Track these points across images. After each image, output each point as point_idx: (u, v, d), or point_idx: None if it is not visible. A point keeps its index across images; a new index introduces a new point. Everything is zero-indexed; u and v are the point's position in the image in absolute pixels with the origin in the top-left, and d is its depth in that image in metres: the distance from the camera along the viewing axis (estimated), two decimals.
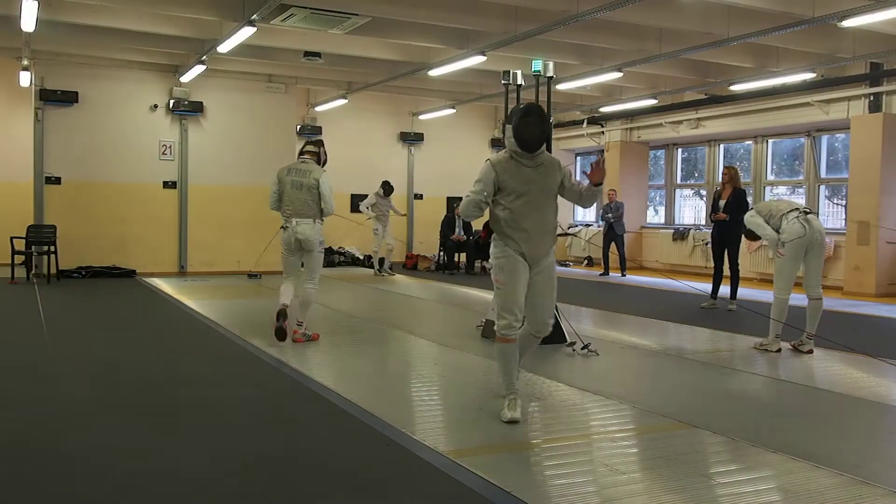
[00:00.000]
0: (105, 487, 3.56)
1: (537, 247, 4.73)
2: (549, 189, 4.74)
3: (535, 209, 4.70)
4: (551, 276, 4.82)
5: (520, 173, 4.68)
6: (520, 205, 4.67)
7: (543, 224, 4.75)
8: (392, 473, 3.81)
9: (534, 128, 4.60)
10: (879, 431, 4.91)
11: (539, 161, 4.71)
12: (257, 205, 14.06)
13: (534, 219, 4.70)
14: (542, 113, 4.76)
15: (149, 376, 5.92)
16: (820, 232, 6.94)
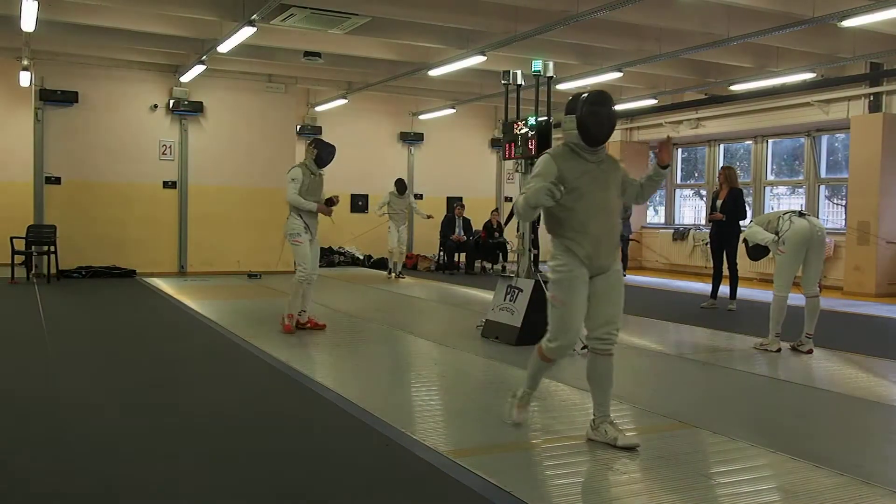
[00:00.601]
0: (105, 487, 3.56)
1: (603, 253, 4.17)
2: (613, 187, 4.23)
3: (601, 210, 4.16)
4: (618, 281, 4.25)
5: (582, 169, 4.14)
6: (584, 205, 4.11)
7: (610, 227, 4.22)
8: (392, 473, 3.81)
9: (605, 119, 4.12)
10: (879, 431, 4.91)
11: (601, 157, 4.20)
12: (257, 205, 14.15)
13: (600, 221, 4.15)
14: (612, 103, 4.24)
15: (148, 376, 5.92)
16: (820, 229, 6.94)
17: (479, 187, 18.12)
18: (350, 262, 16.43)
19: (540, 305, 7.23)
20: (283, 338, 7.55)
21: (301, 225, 7.56)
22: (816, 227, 6.90)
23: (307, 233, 7.58)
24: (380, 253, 16.61)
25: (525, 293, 7.30)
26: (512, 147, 7.72)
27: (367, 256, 16.64)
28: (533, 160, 7.56)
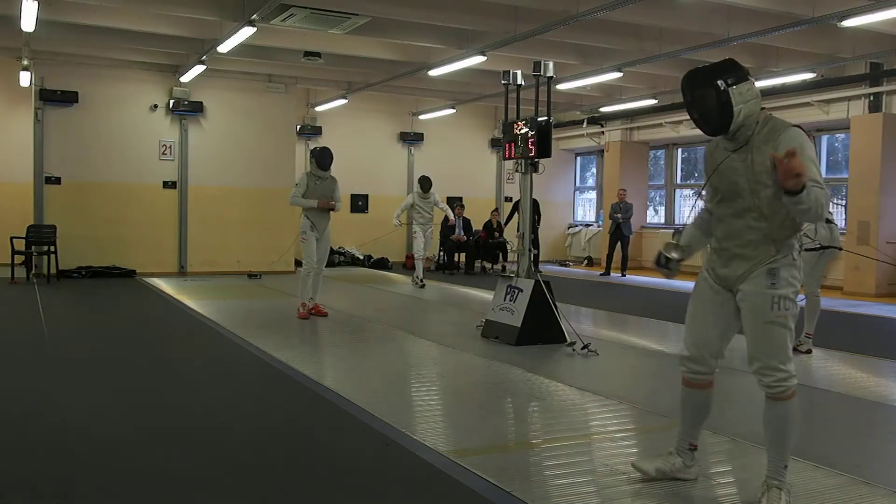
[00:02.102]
0: (105, 487, 3.56)
1: (727, 264, 3.38)
2: (749, 180, 3.25)
3: (729, 210, 3.38)
4: (754, 308, 3.31)
5: (715, 161, 3.45)
6: (716, 205, 3.47)
7: (736, 233, 3.34)
8: (392, 473, 3.81)
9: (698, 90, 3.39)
10: (879, 431, 4.91)
11: (742, 141, 3.28)
12: (258, 205, 14.15)
13: (726, 224, 3.40)
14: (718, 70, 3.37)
15: (148, 376, 5.92)
16: (837, 239, 6.72)
17: (479, 187, 18.12)
18: (350, 262, 16.43)
19: (541, 306, 7.27)
20: (284, 338, 7.57)
21: (308, 224, 8.46)
22: (835, 236, 6.65)
23: (313, 231, 8.45)
24: (380, 253, 16.62)
25: (525, 293, 7.29)
26: (512, 147, 7.72)
27: (367, 256, 16.63)
28: (534, 161, 7.57)
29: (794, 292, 3.28)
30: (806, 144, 3.14)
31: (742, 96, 3.23)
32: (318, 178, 8.49)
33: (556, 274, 14.64)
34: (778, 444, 3.32)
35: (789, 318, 3.26)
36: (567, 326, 7.26)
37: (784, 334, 3.27)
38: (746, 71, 3.32)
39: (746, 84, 3.24)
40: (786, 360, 3.29)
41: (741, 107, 3.22)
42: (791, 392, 3.29)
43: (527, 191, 7.76)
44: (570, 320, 7.54)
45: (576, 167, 20.02)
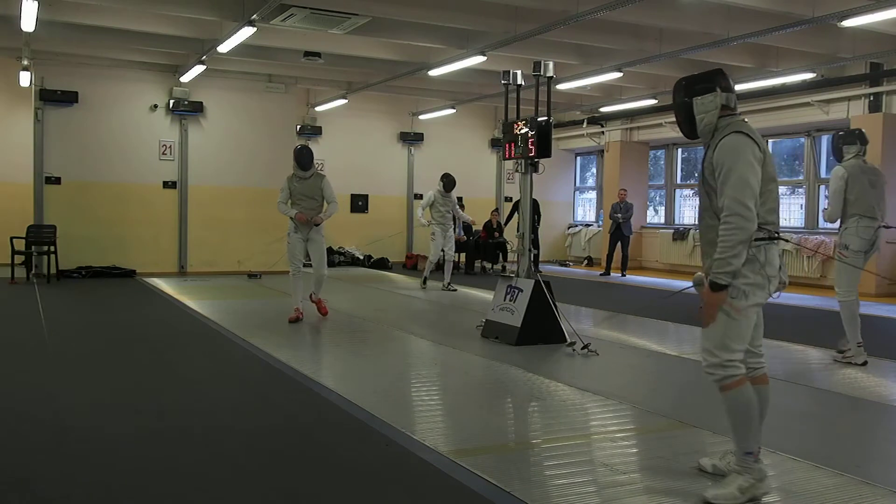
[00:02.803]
0: (105, 487, 3.56)
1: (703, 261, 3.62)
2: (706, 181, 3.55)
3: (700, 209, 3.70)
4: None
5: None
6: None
7: (703, 231, 3.64)
8: (392, 473, 3.81)
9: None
10: (879, 431, 4.91)
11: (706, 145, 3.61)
12: (257, 205, 14.13)
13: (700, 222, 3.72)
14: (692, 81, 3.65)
15: (148, 376, 5.92)
16: (879, 249, 6.65)
17: (479, 187, 18.12)
18: (350, 262, 16.43)
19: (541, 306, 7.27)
20: (284, 338, 7.57)
21: (291, 225, 8.38)
22: (878, 244, 6.56)
23: (297, 233, 8.32)
24: (380, 253, 16.62)
25: (525, 293, 7.29)
26: (512, 147, 7.72)
27: (367, 256, 16.63)
28: (534, 161, 7.57)
29: (745, 284, 3.40)
30: (734, 156, 3.38)
31: (704, 106, 3.56)
32: (300, 179, 8.31)
33: (556, 274, 14.64)
34: (732, 431, 3.50)
35: (733, 307, 3.40)
36: (567, 326, 7.26)
37: (724, 321, 3.41)
38: (722, 83, 3.58)
39: (710, 95, 3.55)
40: (719, 347, 3.43)
41: (702, 115, 3.56)
42: (728, 383, 3.42)
43: (527, 191, 7.76)
44: (571, 320, 7.54)
45: (576, 167, 20.02)
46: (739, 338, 3.45)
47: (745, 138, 3.43)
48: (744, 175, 3.35)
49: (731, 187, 3.34)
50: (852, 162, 6.65)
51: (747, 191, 3.33)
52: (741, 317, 3.42)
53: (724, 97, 3.55)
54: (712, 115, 3.54)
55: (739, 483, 3.40)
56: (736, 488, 3.39)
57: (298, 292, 8.42)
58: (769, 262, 3.46)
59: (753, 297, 3.43)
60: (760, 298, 3.46)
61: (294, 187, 8.35)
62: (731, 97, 3.58)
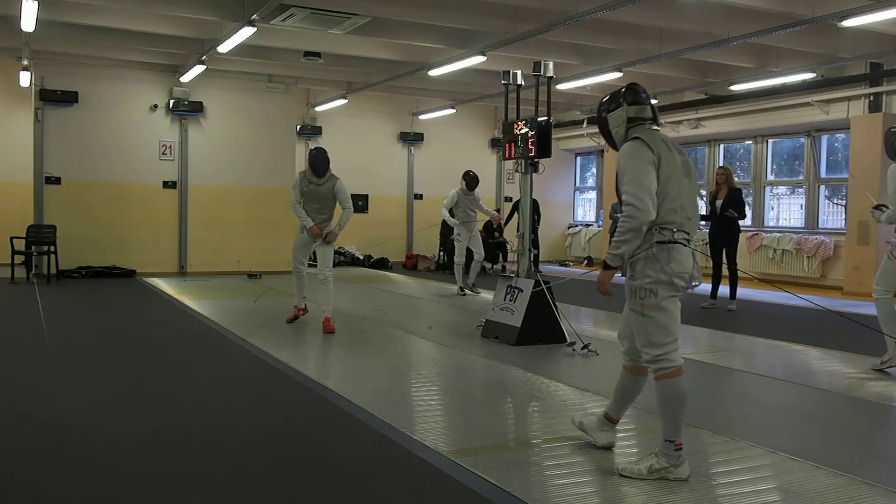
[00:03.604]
0: (104, 487, 3.56)
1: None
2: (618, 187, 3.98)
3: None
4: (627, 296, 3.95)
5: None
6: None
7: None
8: (392, 473, 3.81)
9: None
10: (879, 431, 4.91)
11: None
12: (258, 205, 14.15)
13: None
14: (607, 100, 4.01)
15: (148, 376, 5.92)
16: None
17: (480, 187, 18.00)
18: (350, 262, 16.44)
19: (541, 306, 7.27)
20: (284, 338, 7.57)
21: (300, 224, 8.01)
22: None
23: (302, 233, 7.99)
24: (380, 253, 16.63)
25: (525, 293, 7.29)
26: (512, 147, 7.72)
27: (367, 256, 16.63)
28: (534, 161, 7.57)
29: (649, 283, 3.72)
30: (628, 159, 3.74)
31: (615, 121, 3.94)
32: (312, 183, 7.80)
33: (556, 274, 14.64)
34: (660, 418, 3.75)
35: (644, 307, 3.73)
36: (567, 326, 7.27)
37: (642, 321, 3.75)
38: (628, 97, 3.92)
39: (619, 111, 3.93)
40: (648, 345, 3.74)
41: (615, 129, 3.95)
42: (660, 374, 3.70)
43: (527, 191, 7.76)
44: (571, 320, 7.54)
45: (576, 167, 20.02)
46: (663, 332, 3.71)
47: (639, 143, 3.75)
48: (636, 174, 3.68)
49: (626, 185, 3.71)
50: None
51: (640, 187, 3.65)
52: (654, 313, 3.71)
53: (631, 110, 3.90)
54: (622, 128, 3.91)
55: (651, 463, 3.67)
56: (646, 467, 3.66)
57: (300, 291, 8.21)
58: (673, 260, 3.71)
59: (662, 293, 3.70)
60: (671, 292, 3.72)
61: (305, 190, 7.83)
62: (640, 109, 3.91)
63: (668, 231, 3.71)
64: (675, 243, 3.73)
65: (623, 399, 4.13)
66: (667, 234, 3.70)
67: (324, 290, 7.86)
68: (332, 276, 7.95)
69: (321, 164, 7.77)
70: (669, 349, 3.70)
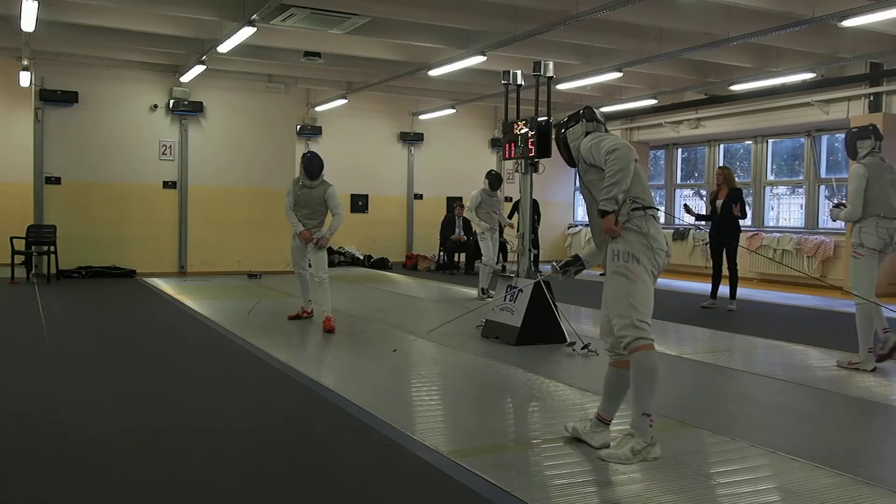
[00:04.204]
0: (104, 487, 3.56)
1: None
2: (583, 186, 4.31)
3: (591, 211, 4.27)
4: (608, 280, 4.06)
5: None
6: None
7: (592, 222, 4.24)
8: (392, 473, 3.81)
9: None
10: (879, 431, 4.91)
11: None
12: (257, 205, 14.15)
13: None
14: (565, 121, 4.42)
15: (148, 376, 5.92)
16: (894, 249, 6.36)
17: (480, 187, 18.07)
18: (350, 262, 16.44)
19: (541, 306, 7.27)
20: (284, 338, 7.57)
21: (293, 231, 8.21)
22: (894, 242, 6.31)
23: (295, 239, 8.19)
24: (380, 253, 16.63)
25: (525, 293, 7.29)
26: (512, 147, 7.72)
27: (367, 256, 16.63)
28: (534, 161, 7.58)
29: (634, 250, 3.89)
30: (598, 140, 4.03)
31: (573, 134, 4.28)
32: (305, 187, 7.99)
33: None
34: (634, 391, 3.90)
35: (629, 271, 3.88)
36: (567, 326, 7.27)
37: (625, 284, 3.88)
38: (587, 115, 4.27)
39: (577, 126, 4.27)
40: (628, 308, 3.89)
41: (574, 142, 4.27)
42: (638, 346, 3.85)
43: (527, 191, 7.76)
44: (571, 320, 7.54)
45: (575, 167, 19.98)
46: (643, 302, 3.87)
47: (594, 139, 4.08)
48: (613, 138, 3.99)
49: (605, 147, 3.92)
50: (870, 160, 6.32)
51: (620, 141, 3.94)
52: (638, 279, 3.86)
53: (589, 125, 4.23)
54: (579, 141, 4.21)
55: (632, 445, 3.73)
56: (629, 449, 3.70)
57: (304, 293, 8.43)
58: (652, 236, 3.90)
59: (644, 262, 3.88)
60: (649, 265, 3.88)
61: (298, 195, 8.07)
62: (596, 125, 4.24)
63: (638, 202, 3.91)
64: (650, 208, 3.93)
65: (613, 396, 4.20)
66: (639, 203, 3.89)
67: (321, 291, 8.00)
68: (328, 278, 8.08)
69: (315, 168, 7.99)
70: (646, 319, 3.85)
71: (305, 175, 7.99)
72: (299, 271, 8.37)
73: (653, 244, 3.89)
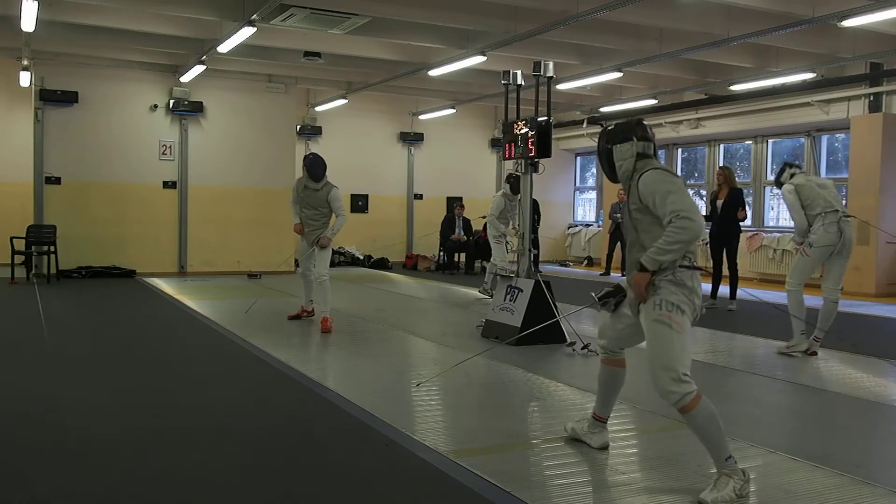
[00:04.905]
0: (104, 487, 3.56)
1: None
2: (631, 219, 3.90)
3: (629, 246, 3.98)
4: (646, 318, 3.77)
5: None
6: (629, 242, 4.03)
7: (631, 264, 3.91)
8: (392, 473, 3.81)
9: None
10: (879, 431, 4.91)
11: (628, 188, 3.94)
12: (258, 205, 14.15)
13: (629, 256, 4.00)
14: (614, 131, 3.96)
15: (148, 377, 5.92)
16: (851, 240, 6.80)
17: (479, 187, 18.12)
18: (350, 262, 16.44)
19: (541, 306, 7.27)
20: (283, 338, 7.57)
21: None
22: (848, 240, 6.76)
23: (302, 241, 8.27)
24: (380, 253, 16.63)
25: (525, 293, 7.29)
26: (512, 147, 7.72)
27: (367, 256, 16.64)
28: (534, 161, 7.58)
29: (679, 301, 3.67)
30: (665, 183, 3.66)
31: (621, 154, 3.87)
32: (308, 188, 8.01)
33: (556, 274, 14.64)
34: (706, 445, 3.57)
35: (674, 322, 3.64)
36: (567, 326, 7.26)
37: (671, 336, 3.62)
38: (638, 132, 3.87)
39: (626, 145, 3.86)
40: (673, 360, 3.59)
41: (620, 162, 3.88)
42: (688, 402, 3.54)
43: (527, 191, 7.76)
44: (570, 320, 7.54)
45: (576, 167, 20.02)
46: (684, 353, 3.62)
47: (666, 172, 3.76)
48: (681, 195, 3.61)
49: (672, 203, 3.57)
50: (793, 179, 7.03)
51: (691, 205, 3.58)
52: (682, 331, 3.63)
53: (640, 146, 3.85)
54: (628, 162, 3.85)
55: (733, 485, 3.45)
56: (732, 490, 3.43)
57: (307, 293, 8.45)
58: (695, 292, 3.74)
59: (688, 313, 3.71)
60: (689, 320, 3.71)
61: (301, 195, 8.10)
62: (647, 145, 3.86)
63: (689, 258, 3.72)
64: (697, 269, 3.76)
65: (607, 395, 4.17)
66: (689, 259, 3.72)
67: (321, 291, 8.01)
68: (329, 278, 8.07)
69: (318, 169, 7.99)
70: (688, 372, 3.58)
71: (309, 177, 8.01)
72: (304, 272, 8.40)
73: (694, 300, 3.74)
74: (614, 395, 4.18)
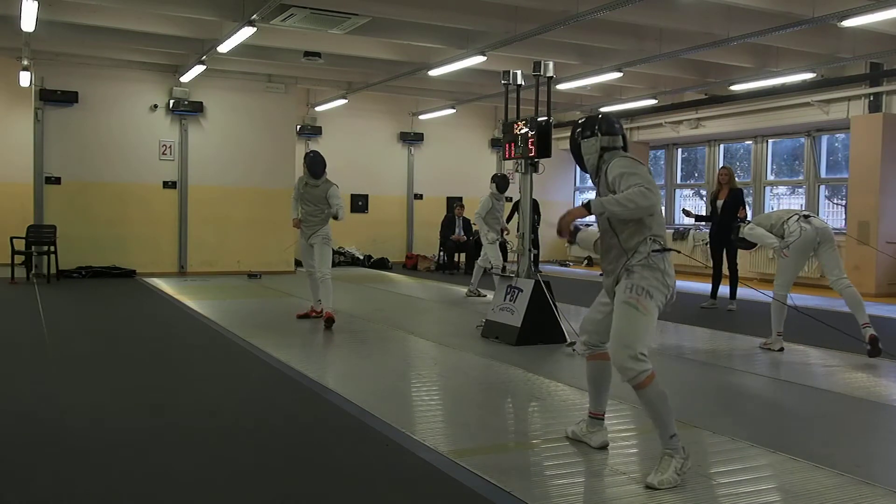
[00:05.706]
0: (104, 487, 3.56)
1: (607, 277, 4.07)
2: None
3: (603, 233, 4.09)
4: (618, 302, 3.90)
5: None
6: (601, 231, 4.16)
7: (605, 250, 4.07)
8: (392, 473, 3.81)
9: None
10: (879, 431, 4.91)
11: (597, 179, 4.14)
12: (257, 205, 14.15)
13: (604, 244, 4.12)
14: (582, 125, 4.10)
15: (148, 377, 5.92)
16: (824, 228, 7.00)
17: (480, 187, 17.98)
18: (350, 262, 16.44)
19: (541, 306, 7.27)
20: (283, 338, 7.57)
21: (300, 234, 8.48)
22: (820, 228, 6.94)
23: (302, 236, 8.39)
24: (380, 253, 16.63)
25: (525, 293, 7.29)
26: (512, 147, 7.72)
27: (367, 256, 16.64)
28: (534, 161, 7.59)
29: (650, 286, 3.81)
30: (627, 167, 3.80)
31: (587, 149, 4.04)
32: (309, 185, 8.27)
33: (556, 274, 14.64)
34: (653, 422, 3.77)
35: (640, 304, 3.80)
36: (567, 326, 7.26)
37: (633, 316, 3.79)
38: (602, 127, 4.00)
39: (591, 140, 4.01)
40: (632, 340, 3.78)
41: (588, 157, 4.05)
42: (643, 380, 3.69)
43: (527, 191, 7.76)
44: (570, 320, 7.54)
45: (576, 167, 19.93)
46: (647, 335, 3.81)
47: (632, 159, 3.89)
48: (645, 176, 3.73)
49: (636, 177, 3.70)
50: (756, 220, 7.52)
51: (652, 184, 3.70)
52: (648, 314, 3.80)
53: (604, 140, 3.98)
54: (594, 157, 4.01)
55: (674, 465, 3.62)
56: (674, 471, 3.60)
57: (314, 293, 8.52)
58: (668, 274, 3.85)
59: (656, 298, 3.83)
60: (660, 302, 3.85)
61: (302, 192, 8.36)
62: (613, 139, 3.98)
63: (659, 242, 3.84)
64: (669, 250, 3.87)
65: (598, 390, 4.23)
66: (660, 243, 3.83)
67: (323, 288, 8.20)
68: (330, 276, 8.24)
69: (318, 166, 8.25)
70: (646, 352, 3.76)
71: (309, 174, 8.28)
72: (308, 269, 8.51)
73: (668, 281, 3.86)
74: (605, 390, 4.23)
